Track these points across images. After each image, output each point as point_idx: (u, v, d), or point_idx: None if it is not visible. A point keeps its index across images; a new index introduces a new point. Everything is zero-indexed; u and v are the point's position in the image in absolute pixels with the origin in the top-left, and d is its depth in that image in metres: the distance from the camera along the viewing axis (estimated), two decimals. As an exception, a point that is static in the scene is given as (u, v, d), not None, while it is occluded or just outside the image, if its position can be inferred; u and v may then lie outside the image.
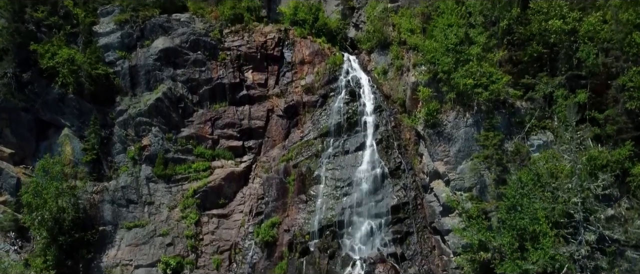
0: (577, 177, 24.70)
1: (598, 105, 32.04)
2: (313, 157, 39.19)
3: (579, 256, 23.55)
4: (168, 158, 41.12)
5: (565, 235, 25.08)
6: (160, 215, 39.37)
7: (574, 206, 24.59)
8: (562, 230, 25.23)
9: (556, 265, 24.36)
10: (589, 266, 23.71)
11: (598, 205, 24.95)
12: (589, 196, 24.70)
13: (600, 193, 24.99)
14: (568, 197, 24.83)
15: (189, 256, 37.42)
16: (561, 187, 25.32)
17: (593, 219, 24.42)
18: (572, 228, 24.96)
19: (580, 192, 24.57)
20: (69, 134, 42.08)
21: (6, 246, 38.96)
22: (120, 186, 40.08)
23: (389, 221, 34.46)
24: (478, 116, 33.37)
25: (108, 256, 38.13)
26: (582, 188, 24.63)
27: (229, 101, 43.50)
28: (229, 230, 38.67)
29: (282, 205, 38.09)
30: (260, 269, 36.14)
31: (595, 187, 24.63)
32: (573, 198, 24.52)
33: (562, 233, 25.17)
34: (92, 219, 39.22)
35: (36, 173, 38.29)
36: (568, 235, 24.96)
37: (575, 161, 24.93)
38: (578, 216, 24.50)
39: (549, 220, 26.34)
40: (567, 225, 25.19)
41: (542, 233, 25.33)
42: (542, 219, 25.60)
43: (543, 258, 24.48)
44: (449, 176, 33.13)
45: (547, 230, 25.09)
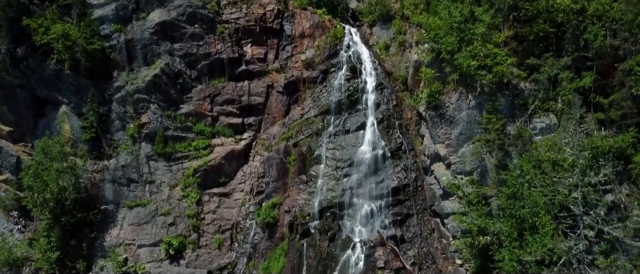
0: (579, 172, 24.77)
1: (603, 88, 31.75)
2: (313, 136, 39.31)
3: (577, 250, 23.97)
4: (168, 136, 41.32)
5: (564, 229, 25.42)
6: (161, 194, 39.95)
7: (573, 200, 24.81)
8: (561, 224, 25.54)
9: (553, 257, 24.86)
10: (586, 259, 24.20)
11: (598, 200, 25.12)
12: (590, 192, 24.85)
13: (601, 188, 25.08)
14: (568, 192, 25.01)
15: (191, 236, 38.25)
16: (561, 182, 25.41)
17: (593, 213, 24.68)
18: (572, 219, 25.28)
19: (581, 186, 24.70)
20: (67, 112, 42.16)
21: (9, 226, 39.82)
22: (120, 165, 40.49)
23: (389, 203, 34.95)
24: (481, 98, 33.14)
25: (111, 236, 39.00)
26: (583, 184, 24.77)
27: (227, 76, 43.27)
28: (230, 209, 39.32)
29: (282, 185, 38.54)
30: (261, 249, 36.99)
31: (596, 182, 24.73)
32: (573, 193, 24.70)
33: (561, 226, 25.51)
34: (93, 198, 39.88)
35: (36, 155, 38.48)
36: (567, 229, 25.32)
37: (578, 155, 24.91)
38: (577, 211, 24.77)
39: (549, 211, 26.63)
40: (566, 218, 25.49)
41: (541, 224, 25.69)
42: (542, 212, 25.91)
43: (541, 249, 24.96)
44: (450, 159, 33.30)
45: (547, 223, 25.43)
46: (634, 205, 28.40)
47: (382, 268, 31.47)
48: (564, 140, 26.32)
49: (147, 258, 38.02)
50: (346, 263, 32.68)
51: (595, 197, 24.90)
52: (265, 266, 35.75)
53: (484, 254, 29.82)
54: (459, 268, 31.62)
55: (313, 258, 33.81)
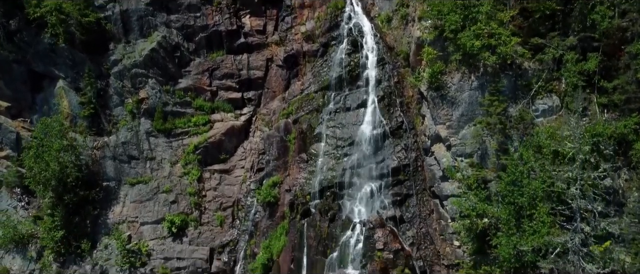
0: (578, 166, 25.03)
1: (608, 70, 31.47)
2: (314, 113, 39.40)
3: (572, 244, 24.60)
4: (167, 111, 41.54)
5: (560, 222, 25.95)
6: (162, 171, 40.58)
7: (571, 195, 25.20)
8: (558, 216, 26.06)
9: (549, 248, 25.55)
10: (582, 251, 24.87)
11: (596, 196, 25.51)
12: (588, 190, 25.18)
13: (600, 182, 25.40)
14: (567, 185, 25.36)
15: (193, 213, 39.16)
16: (560, 176, 25.71)
17: (591, 207, 25.14)
18: (569, 210, 25.79)
19: (579, 180, 25.03)
20: (64, 87, 42.23)
21: (13, 202, 40.76)
22: (120, 141, 40.92)
23: (389, 183, 35.48)
24: (484, 78, 32.94)
25: (114, 213, 39.93)
26: (583, 179, 25.08)
27: (226, 49, 42.98)
28: (231, 186, 40.03)
29: (283, 164, 39.03)
30: (262, 228, 37.94)
31: (595, 176, 25.04)
32: (572, 188, 25.05)
33: (558, 219, 26.04)
34: (95, 175, 40.59)
35: (36, 135, 38.80)
36: (564, 221, 25.86)
37: (578, 150, 25.09)
38: (575, 206, 25.21)
39: (549, 197, 27.10)
40: (564, 211, 25.99)
41: (539, 216, 26.23)
42: (540, 205, 26.37)
43: (538, 240, 25.62)
44: (451, 141, 33.52)
45: (544, 215, 25.95)
46: (632, 191, 28.80)
47: (381, 249, 32.35)
48: (565, 133, 26.37)
49: (151, 235, 39.14)
50: (346, 243, 33.59)
51: (593, 193, 25.19)
52: (266, 244, 36.79)
53: (482, 237, 30.57)
54: (456, 249, 32.50)
55: (313, 238, 34.73)
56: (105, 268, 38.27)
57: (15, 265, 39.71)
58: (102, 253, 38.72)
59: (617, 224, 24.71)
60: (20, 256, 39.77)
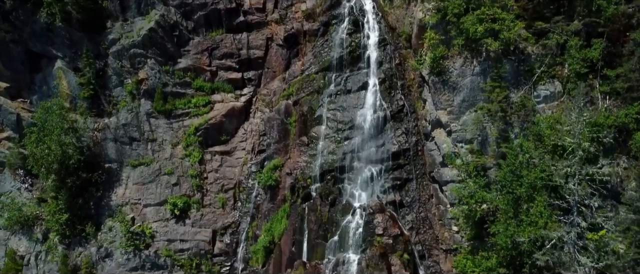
0: (577, 162, 25.33)
1: (612, 57, 31.36)
2: (314, 94, 39.45)
3: (568, 238, 25.18)
4: (167, 92, 41.59)
5: (558, 215, 26.44)
6: (163, 152, 41.01)
7: (569, 191, 25.61)
8: (555, 211, 26.54)
9: (545, 241, 26.18)
10: (578, 244, 25.49)
11: (594, 190, 25.91)
12: (585, 187, 25.54)
13: (597, 178, 25.74)
14: (565, 180, 25.73)
15: (195, 196, 39.82)
16: (558, 172, 26.04)
17: (588, 203, 25.60)
18: (566, 203, 26.26)
19: (578, 175, 25.39)
20: (62, 68, 42.27)
21: (17, 184, 41.47)
22: (121, 123, 41.20)
23: (389, 167, 35.92)
24: (486, 64, 32.94)
25: (117, 195, 40.65)
26: (581, 175, 25.42)
27: (225, 28, 42.59)
28: (232, 168, 40.52)
29: (283, 147, 39.37)
30: (264, 210, 38.65)
31: (593, 172, 25.36)
32: (570, 184, 25.42)
33: (555, 213, 26.52)
34: (96, 157, 41.09)
35: (37, 120, 39.07)
36: (560, 216, 26.35)
37: (578, 145, 25.33)
38: (572, 201, 25.66)
39: (546, 187, 27.54)
40: (561, 205, 26.46)
41: (537, 208, 26.75)
42: (539, 198, 26.83)
43: (535, 233, 26.23)
44: (451, 127, 33.78)
45: (542, 209, 26.45)
46: (630, 180, 29.20)
47: (381, 234, 33.10)
48: (565, 128, 26.54)
49: (154, 217, 39.94)
50: (346, 228, 34.34)
51: (591, 188, 25.61)
52: (268, 227, 37.59)
53: (480, 224, 31.24)
54: (455, 234, 33.28)
55: (314, 222, 35.47)
56: (111, 250, 39.28)
57: (21, 247, 40.79)
58: (106, 235, 39.66)
59: (614, 219, 25.11)
60: (26, 237, 40.80)
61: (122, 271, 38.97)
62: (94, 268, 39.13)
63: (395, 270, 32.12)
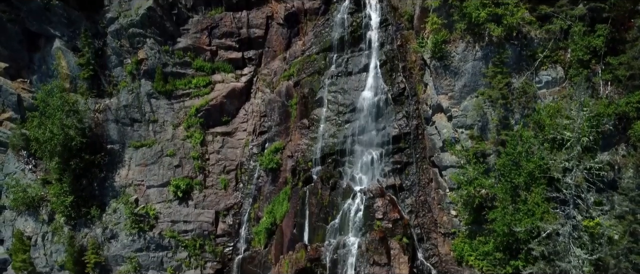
0: (575, 157, 25.72)
1: (615, 43, 31.26)
2: (315, 75, 39.52)
3: (564, 231, 25.85)
4: (167, 72, 41.70)
5: (554, 205, 27.03)
6: (165, 133, 41.44)
7: (566, 185, 26.10)
8: (551, 204, 27.13)
9: (541, 231, 26.91)
10: (573, 235, 26.20)
11: (591, 184, 26.40)
12: (582, 182, 25.99)
13: (595, 172, 26.18)
14: (563, 174, 26.19)
15: (197, 177, 40.50)
16: (556, 166, 26.46)
17: (585, 197, 26.14)
18: (563, 195, 26.84)
19: (576, 169, 25.84)
20: (61, 47, 42.26)
21: (21, 165, 42.08)
22: (122, 104, 41.48)
23: (390, 151, 36.35)
24: (488, 49, 32.89)
25: (120, 176, 41.35)
26: (580, 170, 25.85)
27: (225, 5, 42.35)
28: (233, 149, 41.02)
29: (284, 129, 39.74)
30: (265, 193, 39.38)
31: (591, 167, 25.77)
32: (567, 178, 25.89)
33: (551, 205, 27.12)
34: (98, 138, 41.59)
35: (38, 104, 39.34)
36: (556, 208, 26.95)
37: (578, 139, 25.66)
38: (568, 195, 26.20)
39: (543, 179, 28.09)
40: (558, 198, 27.05)
41: (534, 200, 27.36)
42: (536, 190, 27.37)
43: (531, 224, 26.95)
44: (452, 112, 34.03)
45: (539, 200, 27.04)
46: (628, 168, 29.67)
47: (381, 218, 33.86)
48: (565, 121, 26.81)
49: (157, 198, 40.75)
50: (347, 212, 35.10)
51: (588, 182, 26.10)
52: (269, 209, 38.41)
53: (478, 210, 31.95)
54: (453, 218, 34.03)
55: (315, 205, 36.22)
56: (116, 232, 40.31)
57: (28, 227, 41.82)
58: (111, 216, 40.60)
59: (609, 214, 25.71)
60: (32, 218, 41.78)
61: (127, 251, 40.14)
62: (100, 249, 40.30)
63: (395, 254, 33.05)
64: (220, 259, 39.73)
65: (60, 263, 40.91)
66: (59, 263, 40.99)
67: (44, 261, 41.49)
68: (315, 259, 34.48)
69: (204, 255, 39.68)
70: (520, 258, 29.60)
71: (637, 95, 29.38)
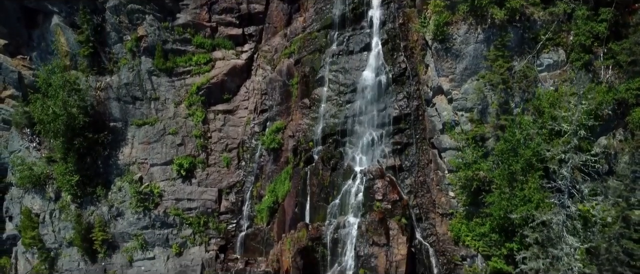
0: (572, 150, 26.30)
1: (618, 26, 31.30)
2: (316, 53, 39.68)
3: (557, 220, 26.74)
4: (167, 49, 41.86)
5: (549, 197, 27.84)
6: (167, 111, 41.97)
7: (562, 176, 26.79)
8: (547, 193, 27.92)
9: (536, 218, 27.86)
10: (566, 223, 27.12)
11: (585, 175, 27.08)
12: (577, 175, 26.64)
13: (590, 164, 26.81)
14: (559, 165, 26.85)
15: (200, 156, 41.32)
16: (553, 157, 27.07)
17: (579, 188, 26.89)
18: (558, 185, 27.64)
19: (572, 160, 26.47)
20: (60, 24, 42.25)
21: (25, 143, 42.79)
22: (123, 82, 41.82)
23: (390, 132, 36.95)
24: (490, 31, 32.93)
25: (124, 154, 42.18)
26: (575, 163, 26.48)
27: (224, -21, 41.86)
28: (235, 127, 41.65)
29: (286, 109, 40.22)
30: (267, 172, 40.27)
31: (586, 159, 26.37)
32: (563, 170, 26.55)
33: (546, 194, 27.92)
34: (101, 116, 42.08)
35: (40, 86, 39.69)
36: (552, 196, 27.75)
37: (575, 132, 26.18)
38: (563, 186, 26.93)
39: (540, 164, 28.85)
40: (553, 188, 27.84)
41: (529, 186, 28.18)
42: (532, 179, 28.11)
43: (527, 211, 27.87)
44: (453, 94, 34.39)
45: (534, 189, 27.83)
46: (625, 152, 30.37)
47: (381, 200, 34.86)
48: (563, 113, 27.25)
49: (161, 176, 41.73)
50: (347, 192, 36.07)
51: (582, 174, 26.82)
52: (271, 188, 39.42)
53: (476, 193, 32.83)
54: (451, 199, 34.99)
55: (316, 185, 37.18)
56: (121, 210, 41.52)
57: (35, 205, 43.00)
58: (116, 195, 41.70)
59: (604, 202, 26.52)
60: (39, 196, 42.92)
61: (133, 229, 41.50)
62: (107, 226, 41.64)
63: (394, 234, 34.24)
64: (224, 235, 41.13)
65: (69, 240, 42.40)
66: (68, 239, 42.48)
67: (52, 237, 42.97)
68: (317, 238, 35.78)
69: (208, 232, 41.04)
70: (515, 240, 30.75)
71: (637, 81, 29.70)
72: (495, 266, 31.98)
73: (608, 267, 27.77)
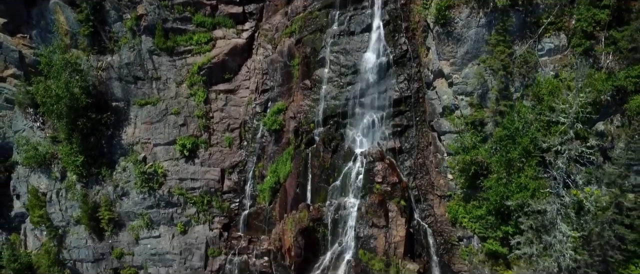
0: (567, 142, 26.98)
1: (621, 11, 31.41)
2: (317, 33, 39.82)
3: (552, 209, 27.70)
4: (167, 28, 41.99)
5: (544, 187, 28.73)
6: (168, 91, 42.46)
7: (557, 167, 27.58)
8: (542, 182, 28.78)
9: (531, 207, 28.86)
10: (560, 211, 28.12)
11: (581, 165, 27.84)
12: (572, 167, 27.37)
13: (586, 156, 27.54)
14: (555, 156, 27.59)
15: (202, 136, 42.08)
16: (549, 148, 27.77)
17: (574, 179, 27.72)
18: (553, 174, 28.51)
19: (568, 151, 27.20)
20: (58, 2, 42.35)
21: (29, 123, 43.49)
22: (124, 62, 42.16)
23: (390, 114, 37.52)
24: (492, 15, 33.07)
25: (127, 134, 42.94)
26: (571, 155, 27.19)
27: (223, -44, 41.53)
28: (236, 107, 42.24)
29: (287, 90, 40.66)
30: (269, 152, 41.09)
31: (582, 151, 27.09)
32: (558, 161, 27.30)
33: (542, 183, 28.79)
34: (103, 95, 42.57)
35: (42, 68, 40.03)
36: (548, 182, 28.64)
37: (572, 124, 26.78)
38: (559, 177, 27.76)
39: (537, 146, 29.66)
40: (549, 175, 28.69)
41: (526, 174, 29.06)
42: (528, 168, 28.91)
43: (523, 199, 28.85)
44: (453, 78, 34.81)
45: (531, 180, 28.70)
46: (621, 138, 31.11)
47: (380, 182, 35.82)
48: (560, 106, 27.78)
49: (164, 156, 42.62)
50: (348, 174, 37.01)
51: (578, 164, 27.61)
52: (273, 168, 40.33)
53: (474, 177, 33.76)
54: (449, 182, 35.93)
55: (317, 167, 38.11)
56: (127, 190, 42.62)
57: (42, 184, 44.10)
58: (121, 175, 42.70)
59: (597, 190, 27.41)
60: (45, 175, 43.95)
61: (139, 208, 42.74)
62: (112, 206, 42.86)
63: (393, 216, 35.40)
64: (227, 214, 42.39)
65: (76, 218, 43.75)
66: (75, 218, 43.82)
67: (60, 216, 44.31)
68: (317, 219, 36.99)
69: (211, 211, 42.29)
70: (511, 224, 31.90)
71: (636, 69, 30.09)
72: (490, 248, 33.33)
73: (599, 252, 28.98)
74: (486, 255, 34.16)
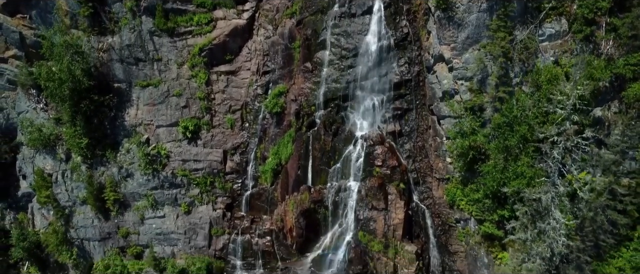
0: (563, 134, 27.62)
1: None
2: (318, 14, 39.97)
3: (547, 198, 28.59)
4: (167, 9, 42.12)
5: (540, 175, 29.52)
6: (170, 72, 42.89)
7: (553, 157, 28.31)
8: (538, 171, 29.57)
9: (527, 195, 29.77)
10: (555, 200, 29.03)
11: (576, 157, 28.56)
12: (567, 159, 28.07)
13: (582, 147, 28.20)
14: (551, 147, 28.29)
15: (205, 118, 42.77)
16: (545, 139, 28.43)
17: (570, 169, 28.48)
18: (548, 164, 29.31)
19: (564, 142, 27.88)
20: (57, -18, 42.08)
21: (32, 104, 44.09)
22: (125, 44, 42.46)
23: (391, 97, 38.07)
24: (494, 0, 33.21)
25: (129, 115, 43.60)
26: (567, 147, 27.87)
27: None
28: (238, 89, 42.73)
29: (288, 73, 41.06)
30: (271, 134, 41.84)
31: (578, 142, 27.75)
32: (554, 151, 28.01)
33: (538, 172, 29.58)
34: (105, 77, 43.02)
35: (44, 53, 40.37)
36: (543, 169, 29.45)
37: (568, 117, 27.37)
38: (554, 167, 28.53)
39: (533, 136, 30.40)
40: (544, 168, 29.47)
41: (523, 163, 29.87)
42: (525, 157, 29.68)
43: (519, 186, 29.73)
44: (454, 63, 35.20)
45: (527, 168, 29.50)
46: (618, 125, 31.80)
47: (380, 165, 36.71)
48: (558, 97, 28.30)
49: (167, 137, 43.40)
50: (348, 157, 37.86)
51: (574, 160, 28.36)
52: (275, 150, 41.18)
53: (472, 161, 34.59)
54: (448, 165, 36.78)
55: (318, 150, 38.93)
56: (131, 171, 43.62)
57: (47, 165, 45.06)
58: (125, 156, 43.61)
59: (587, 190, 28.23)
60: (50, 157, 44.86)
61: (143, 189, 43.85)
62: (117, 187, 43.95)
63: (392, 199, 36.44)
64: (230, 194, 43.51)
65: (82, 199, 44.93)
66: (81, 198, 45.01)
67: (66, 196, 45.48)
68: (318, 200, 38.08)
69: (214, 191, 43.39)
70: (507, 208, 32.94)
71: (635, 57, 30.49)
72: (486, 231, 34.48)
73: (591, 237, 30.07)
74: (482, 237, 35.34)
